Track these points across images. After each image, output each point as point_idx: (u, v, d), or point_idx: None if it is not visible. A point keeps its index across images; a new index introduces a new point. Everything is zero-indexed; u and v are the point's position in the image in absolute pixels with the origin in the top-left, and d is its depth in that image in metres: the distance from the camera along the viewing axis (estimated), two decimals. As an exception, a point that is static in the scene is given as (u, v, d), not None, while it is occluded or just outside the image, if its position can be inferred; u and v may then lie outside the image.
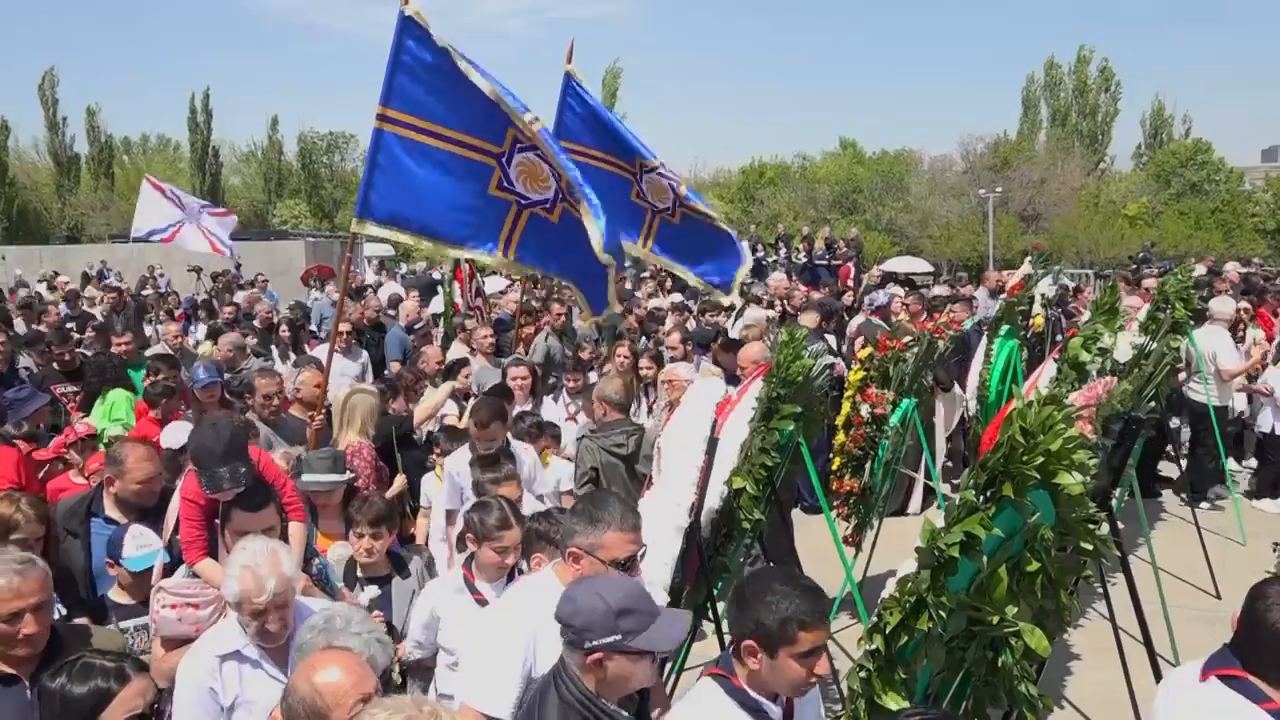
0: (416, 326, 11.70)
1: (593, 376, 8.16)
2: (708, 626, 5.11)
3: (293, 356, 10.04)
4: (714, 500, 4.76)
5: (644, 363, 8.13)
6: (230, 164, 59.80)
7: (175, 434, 5.62)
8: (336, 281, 22.56)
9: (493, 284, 15.76)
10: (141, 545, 4.14)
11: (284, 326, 11.26)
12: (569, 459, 6.57)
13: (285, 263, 28.07)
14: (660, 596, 4.30)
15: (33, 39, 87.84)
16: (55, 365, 8.38)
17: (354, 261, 30.23)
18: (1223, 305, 9.76)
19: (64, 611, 3.94)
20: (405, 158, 6.19)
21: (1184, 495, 9.07)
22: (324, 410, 6.44)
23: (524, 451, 5.81)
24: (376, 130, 6.16)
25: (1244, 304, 10.94)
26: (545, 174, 6.37)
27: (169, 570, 4.19)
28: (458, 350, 9.42)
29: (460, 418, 7.06)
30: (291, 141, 58.99)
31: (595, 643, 2.54)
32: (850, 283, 18.14)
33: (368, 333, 11.22)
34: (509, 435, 5.74)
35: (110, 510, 4.50)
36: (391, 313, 13.27)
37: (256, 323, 12.23)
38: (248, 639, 3.20)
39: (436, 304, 13.73)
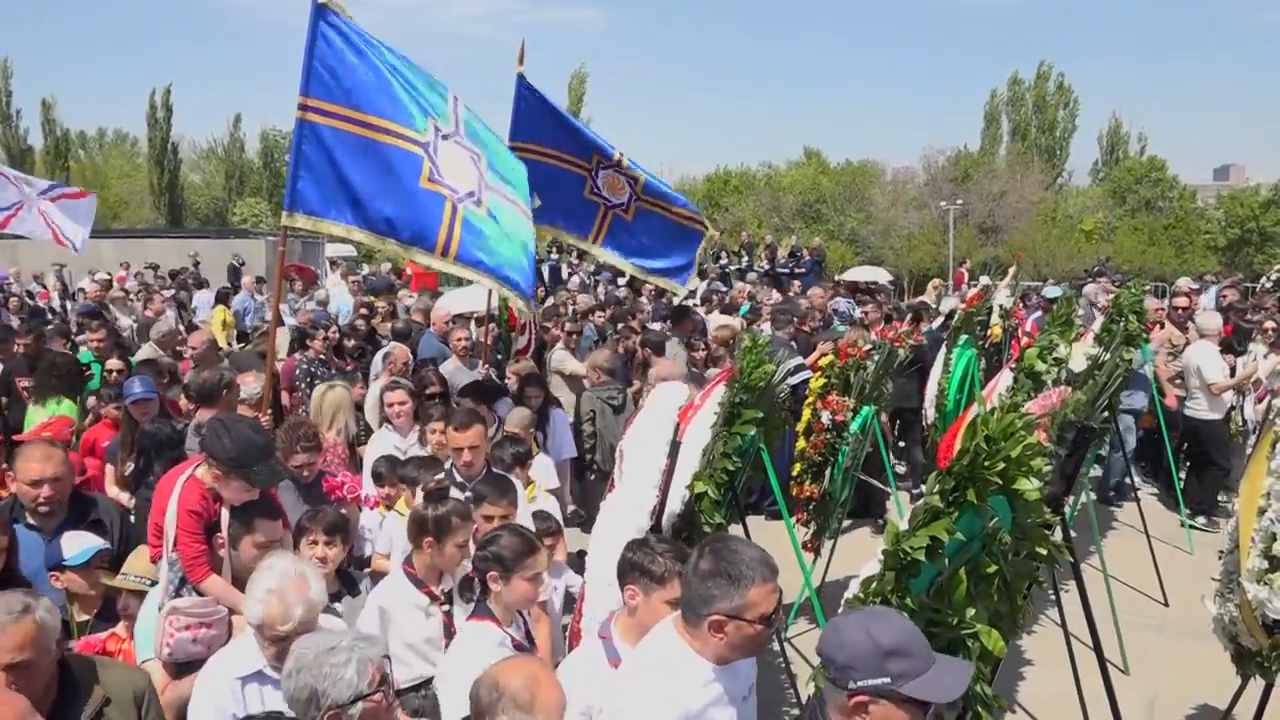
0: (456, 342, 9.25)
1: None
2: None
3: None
4: (675, 504, 4.76)
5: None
6: (190, 161, 58.94)
7: None
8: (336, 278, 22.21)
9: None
10: (79, 544, 4.03)
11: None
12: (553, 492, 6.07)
13: (246, 261, 27.73)
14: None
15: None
16: (23, 357, 8.23)
17: (316, 261, 29.87)
18: (1209, 320, 9.62)
19: None
20: (330, 147, 6.01)
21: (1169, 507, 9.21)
22: (269, 411, 6.36)
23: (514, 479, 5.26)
24: (299, 121, 5.99)
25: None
26: (468, 162, 6.20)
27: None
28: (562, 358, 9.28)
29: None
30: (254, 140, 58.37)
31: (859, 684, 2.26)
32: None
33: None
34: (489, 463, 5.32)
35: (30, 516, 4.31)
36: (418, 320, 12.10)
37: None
38: (270, 658, 3.08)
39: (457, 303, 13.10)
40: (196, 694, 3.12)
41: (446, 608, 3.95)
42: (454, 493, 4.93)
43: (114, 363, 7.99)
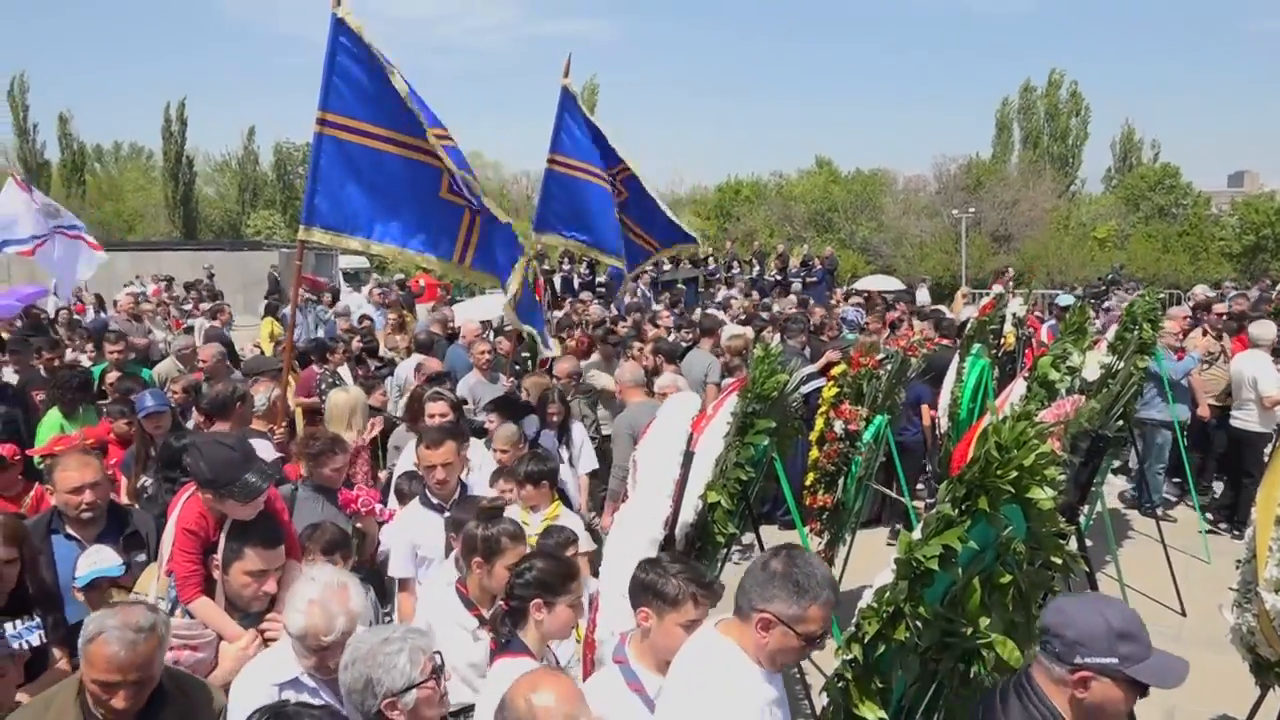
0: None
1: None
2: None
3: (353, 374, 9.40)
4: (688, 513, 4.77)
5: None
6: (204, 173, 59.38)
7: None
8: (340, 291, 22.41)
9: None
10: (93, 563, 4.00)
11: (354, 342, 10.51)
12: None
13: (258, 274, 27.94)
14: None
15: (3, 44, 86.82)
16: (42, 370, 8.30)
17: (329, 273, 30.04)
18: (1263, 330, 9.27)
19: (39, 640, 3.75)
20: (348, 162, 6.07)
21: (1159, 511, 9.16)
22: (285, 423, 6.38)
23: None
24: (317, 135, 6.06)
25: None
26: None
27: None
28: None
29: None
30: (267, 152, 58.77)
31: (1087, 660, 2.41)
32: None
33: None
34: (464, 482, 5.10)
35: (70, 527, 4.31)
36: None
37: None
38: (306, 666, 3.12)
39: (473, 312, 13.12)
40: (234, 700, 3.13)
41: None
42: (431, 515, 4.83)
43: (111, 375, 8.04)
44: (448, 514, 4.75)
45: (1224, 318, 10.44)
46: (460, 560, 3.97)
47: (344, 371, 9.37)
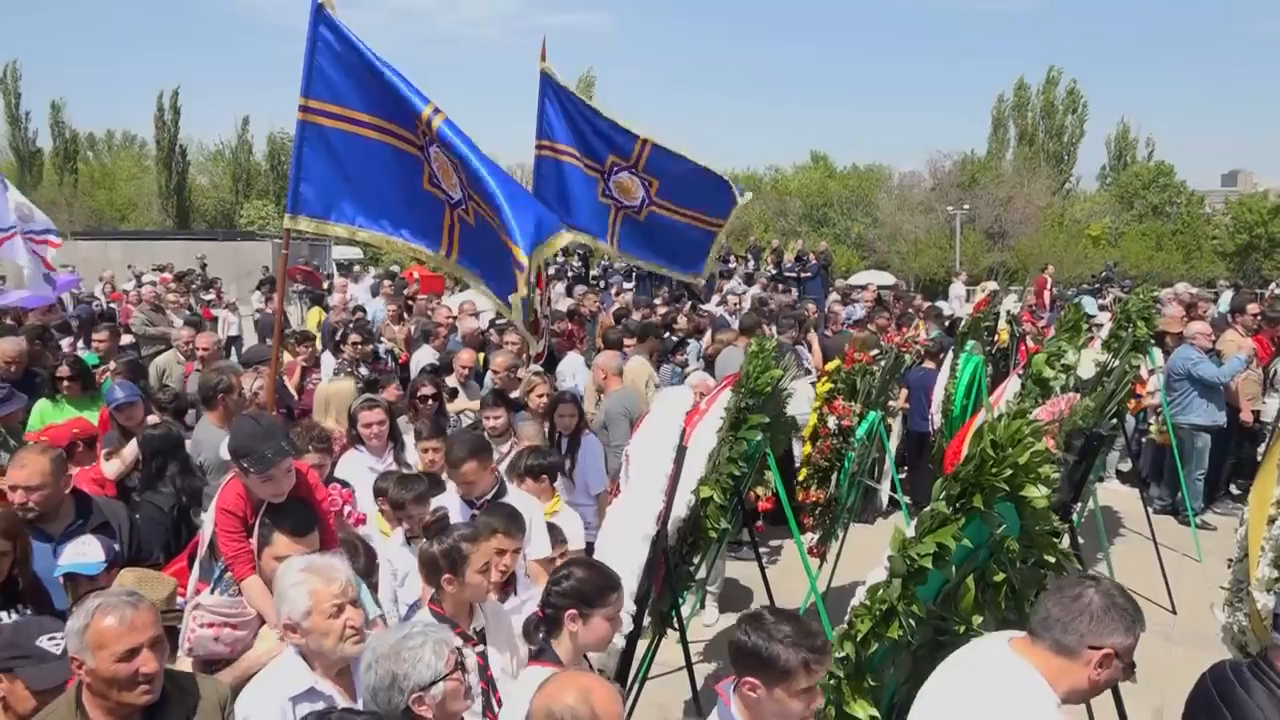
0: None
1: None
2: (673, 634, 5.11)
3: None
4: (681, 509, 4.75)
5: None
6: (198, 163, 59.05)
7: None
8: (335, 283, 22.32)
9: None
10: (76, 555, 3.93)
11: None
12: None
13: (252, 264, 27.87)
14: (627, 604, 4.30)
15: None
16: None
17: (321, 264, 29.89)
18: None
19: None
20: (333, 149, 6.01)
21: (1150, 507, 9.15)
22: (280, 414, 6.36)
23: (529, 504, 4.68)
24: (300, 122, 5.99)
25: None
26: (451, 171, 6.09)
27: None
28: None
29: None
30: (262, 142, 58.48)
31: None
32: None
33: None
34: (504, 479, 4.89)
35: (35, 521, 4.15)
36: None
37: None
38: (318, 674, 2.99)
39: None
40: (249, 715, 2.98)
41: (480, 648, 3.63)
42: (462, 505, 4.68)
43: (113, 365, 7.97)
44: (474, 512, 4.56)
45: (1259, 318, 10.32)
46: (428, 583, 3.74)
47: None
